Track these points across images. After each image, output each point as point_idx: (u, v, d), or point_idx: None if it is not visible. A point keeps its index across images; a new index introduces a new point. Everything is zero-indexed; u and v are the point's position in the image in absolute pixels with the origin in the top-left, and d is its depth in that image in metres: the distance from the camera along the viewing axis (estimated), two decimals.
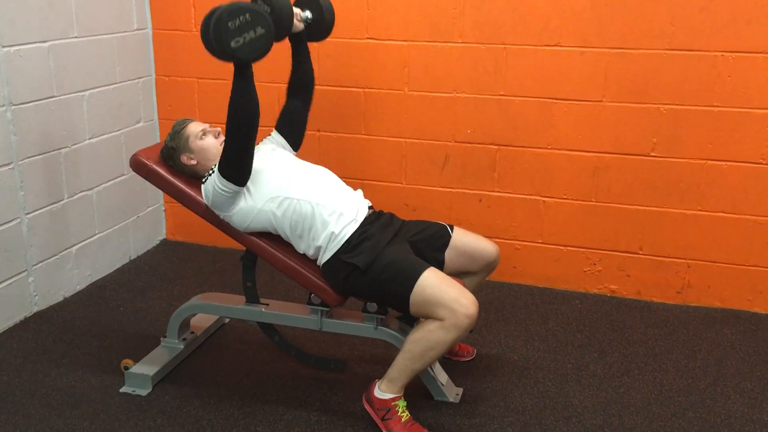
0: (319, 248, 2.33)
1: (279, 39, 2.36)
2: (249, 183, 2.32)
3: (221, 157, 2.27)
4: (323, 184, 2.40)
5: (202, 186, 2.38)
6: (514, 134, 3.24)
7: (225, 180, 2.27)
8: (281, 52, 3.41)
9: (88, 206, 3.31)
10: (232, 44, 2.01)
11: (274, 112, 2.72)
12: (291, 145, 2.67)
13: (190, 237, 3.88)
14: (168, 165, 2.50)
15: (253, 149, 2.27)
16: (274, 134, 2.67)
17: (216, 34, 2.01)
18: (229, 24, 1.99)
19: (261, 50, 2.07)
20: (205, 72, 3.58)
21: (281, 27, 2.34)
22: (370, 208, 2.48)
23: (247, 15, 2.01)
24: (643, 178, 3.14)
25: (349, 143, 3.46)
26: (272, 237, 2.42)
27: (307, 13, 2.57)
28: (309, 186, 2.36)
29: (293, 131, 2.68)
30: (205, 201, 2.38)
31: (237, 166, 2.26)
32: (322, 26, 2.61)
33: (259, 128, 2.65)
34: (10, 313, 2.93)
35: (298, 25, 2.53)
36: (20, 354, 2.74)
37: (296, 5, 2.57)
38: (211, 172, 2.35)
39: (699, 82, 2.97)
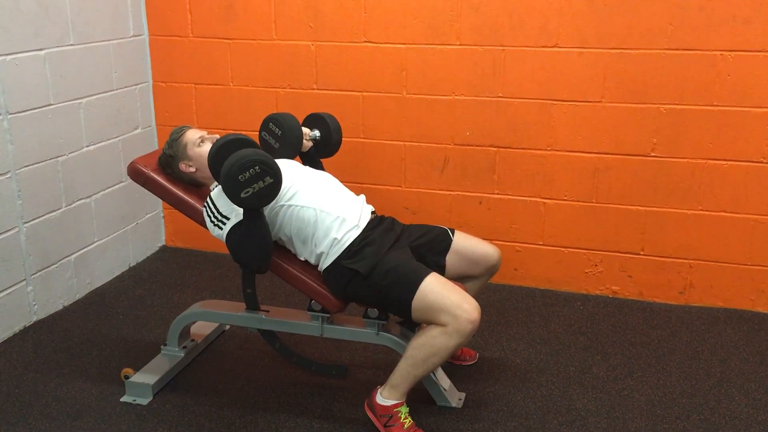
0: (320, 254, 2.31)
1: (290, 158, 2.53)
2: None
3: (231, 243, 2.27)
4: (326, 190, 2.39)
5: (206, 216, 2.36)
6: (514, 136, 3.23)
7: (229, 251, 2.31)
8: (279, 56, 3.41)
9: (86, 214, 3.30)
10: (242, 195, 2.08)
11: None
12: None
13: (190, 243, 3.87)
14: (166, 173, 2.50)
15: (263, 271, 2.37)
16: None
17: (226, 186, 2.08)
18: (239, 177, 2.06)
19: (269, 198, 2.14)
20: (202, 78, 3.57)
21: (292, 148, 2.54)
22: (373, 213, 2.47)
23: (257, 168, 2.07)
24: (644, 178, 3.13)
25: (348, 147, 3.43)
26: (273, 244, 2.40)
27: (316, 132, 2.71)
28: (312, 192, 2.34)
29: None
30: (207, 227, 2.38)
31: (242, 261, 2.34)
32: (329, 144, 2.74)
33: (257, 134, 2.66)
34: (9, 322, 2.91)
35: (307, 144, 2.65)
36: (20, 364, 2.72)
37: (304, 124, 2.71)
38: (220, 219, 2.31)
39: (699, 81, 2.96)
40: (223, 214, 2.29)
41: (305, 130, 2.65)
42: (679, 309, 3.20)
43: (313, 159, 2.72)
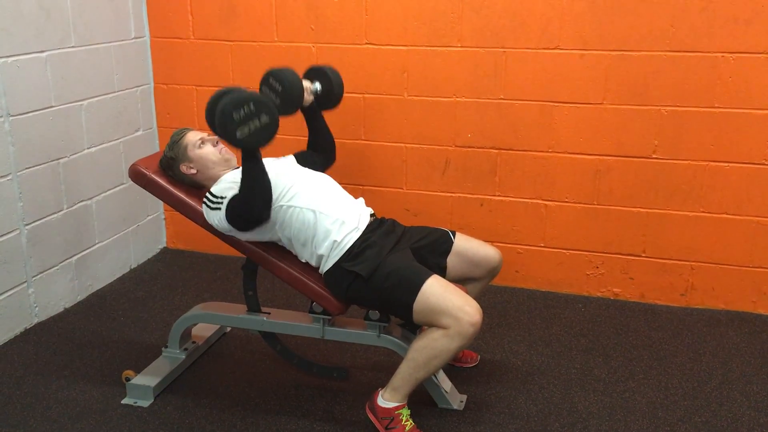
0: (321, 257, 2.31)
1: (291, 113, 2.42)
2: None
3: (231, 209, 2.26)
4: (325, 192, 2.39)
5: (204, 208, 2.35)
6: (515, 138, 3.23)
7: (231, 225, 2.28)
8: (281, 58, 3.41)
9: (87, 216, 3.30)
10: (238, 134, 2.05)
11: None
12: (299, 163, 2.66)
13: (191, 245, 3.86)
14: (167, 175, 2.49)
15: (265, 219, 2.30)
16: (289, 157, 2.66)
17: (221, 125, 2.04)
18: (234, 115, 2.02)
19: (267, 138, 2.10)
20: (204, 79, 3.57)
21: (293, 102, 2.42)
22: (372, 215, 2.47)
23: (251, 105, 2.04)
24: (645, 180, 3.13)
25: (349, 149, 3.44)
26: (273, 246, 2.41)
27: (317, 85, 2.63)
28: (311, 194, 2.34)
29: (309, 167, 2.66)
30: (206, 220, 2.37)
31: (246, 225, 2.30)
32: (331, 97, 2.67)
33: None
34: (10, 324, 2.91)
35: (308, 98, 2.58)
36: (21, 366, 2.72)
37: (305, 77, 2.63)
38: (218, 203, 2.31)
39: (700, 83, 2.96)
40: (219, 195, 2.30)
41: (306, 83, 2.57)
42: (681, 311, 3.20)
43: (314, 113, 2.67)
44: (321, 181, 2.45)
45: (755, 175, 3.00)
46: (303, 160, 2.67)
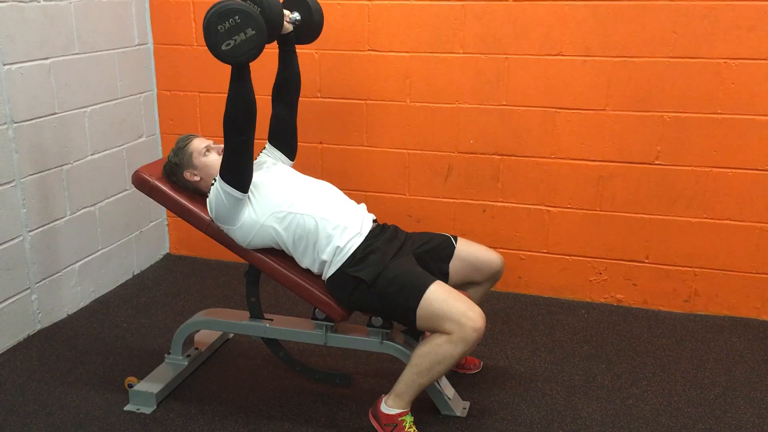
0: (324, 263, 2.31)
1: (269, 41, 2.30)
2: (252, 196, 2.31)
3: (222, 163, 2.26)
4: (326, 199, 2.39)
5: (207, 201, 2.36)
6: (518, 144, 3.23)
7: (227, 185, 2.24)
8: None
9: (90, 222, 3.30)
10: (223, 47, 2.02)
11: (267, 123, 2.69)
12: (287, 156, 2.65)
13: (194, 251, 3.87)
14: (171, 181, 2.50)
15: (252, 151, 2.26)
16: (269, 147, 2.65)
17: (207, 38, 2.01)
18: (219, 27, 1.99)
19: (253, 51, 2.05)
20: (207, 86, 3.58)
21: (271, 27, 2.29)
22: (374, 221, 2.47)
23: (237, 17, 2.00)
24: (648, 186, 3.13)
25: (352, 155, 3.45)
26: (276, 252, 2.40)
27: (296, 14, 2.55)
28: (312, 200, 2.34)
29: (285, 139, 2.65)
30: (209, 214, 2.37)
31: (238, 170, 2.24)
32: (310, 27, 2.59)
33: (262, 140, 2.66)
34: (13, 331, 2.91)
35: (287, 27, 2.50)
36: (24, 373, 2.72)
37: (284, 6, 2.52)
38: (213, 182, 2.33)
39: (702, 89, 2.96)
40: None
41: (285, 12, 2.45)
42: (684, 317, 3.19)
43: (290, 44, 2.58)
44: (321, 188, 2.45)
45: (758, 181, 3.00)
46: (277, 130, 2.63)
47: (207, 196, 2.42)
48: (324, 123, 3.42)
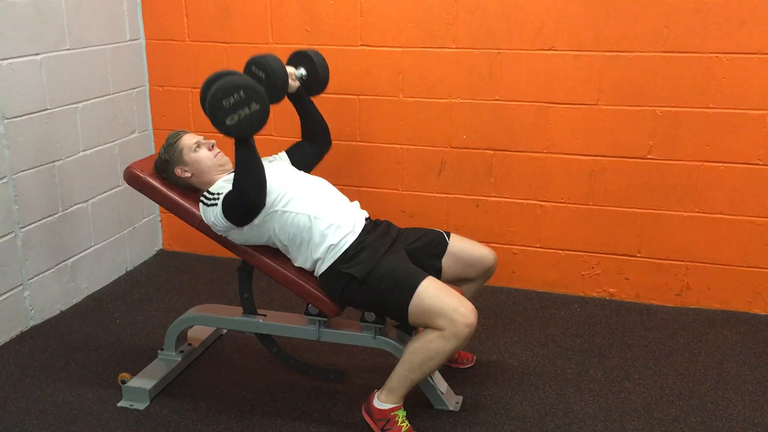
0: (317, 260, 2.31)
1: (277, 101, 2.37)
2: None
3: (227, 201, 2.25)
4: (320, 197, 2.39)
5: (201, 206, 2.35)
6: (510, 139, 3.23)
7: (228, 220, 2.27)
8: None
9: (83, 218, 3.29)
10: (227, 122, 2.02)
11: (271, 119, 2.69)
12: (295, 166, 2.65)
13: (187, 247, 3.86)
14: (162, 177, 2.49)
15: (261, 205, 2.26)
16: (281, 154, 2.66)
17: (211, 112, 2.02)
18: (224, 102, 2.00)
19: (257, 125, 2.07)
20: (199, 81, 3.49)
21: (277, 90, 2.35)
22: (367, 219, 2.47)
23: (241, 92, 2.01)
24: (640, 180, 3.14)
25: (345, 150, 3.45)
26: (269, 248, 2.40)
27: (301, 71, 2.59)
28: (306, 199, 2.34)
29: (302, 163, 2.66)
30: (204, 220, 2.37)
31: (242, 217, 2.27)
32: (316, 82, 2.63)
33: (256, 136, 2.66)
34: (6, 327, 2.91)
35: (294, 84, 2.54)
36: (17, 369, 2.72)
37: (289, 63, 2.59)
38: (214, 200, 2.31)
39: (694, 83, 2.97)
40: (215, 192, 2.31)
41: (290, 69, 2.51)
42: (676, 311, 3.21)
43: (302, 98, 2.64)
44: (316, 186, 2.45)
45: (750, 175, 3.01)
46: (298, 155, 2.66)
47: (197, 192, 2.42)
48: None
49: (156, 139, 3.73)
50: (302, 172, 2.55)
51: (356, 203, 2.49)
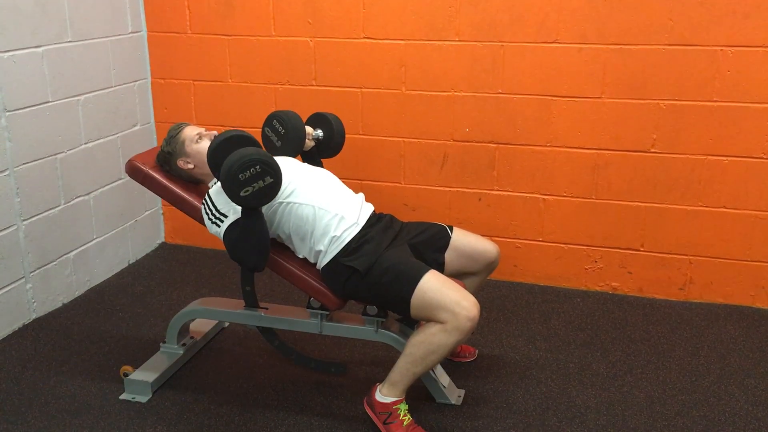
0: (319, 252, 2.31)
1: (292, 155, 2.52)
2: None
3: (228, 239, 2.25)
4: (325, 188, 2.38)
5: (203, 212, 2.35)
6: (513, 132, 3.22)
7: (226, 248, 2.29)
8: (278, 53, 3.40)
9: (85, 211, 3.29)
10: (241, 194, 2.07)
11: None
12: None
13: (189, 240, 3.86)
14: (164, 170, 2.49)
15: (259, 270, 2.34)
16: None
17: (227, 185, 2.06)
18: (240, 176, 2.05)
19: (268, 197, 2.13)
20: (201, 74, 3.56)
21: (293, 147, 2.52)
22: (372, 212, 2.46)
23: (258, 167, 2.06)
24: (644, 174, 3.12)
25: (347, 143, 3.39)
26: (271, 241, 2.39)
27: (319, 132, 2.71)
28: (310, 190, 2.33)
29: (306, 161, 2.70)
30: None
31: (237, 259, 2.31)
32: (331, 146, 2.74)
33: (257, 131, 2.65)
34: (8, 320, 2.91)
35: (309, 143, 2.65)
36: (19, 362, 2.72)
37: (308, 123, 2.70)
38: (217, 217, 2.29)
39: (698, 77, 2.95)
40: (221, 211, 2.29)
41: (308, 129, 2.64)
42: (679, 305, 3.20)
43: (314, 158, 2.72)
44: (320, 177, 2.44)
45: (754, 168, 3.00)
46: (303, 155, 2.69)
47: (200, 184, 2.42)
48: (319, 111, 3.40)
49: (158, 132, 3.73)
50: (307, 163, 2.54)
51: (361, 195, 2.49)
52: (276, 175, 2.10)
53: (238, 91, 3.52)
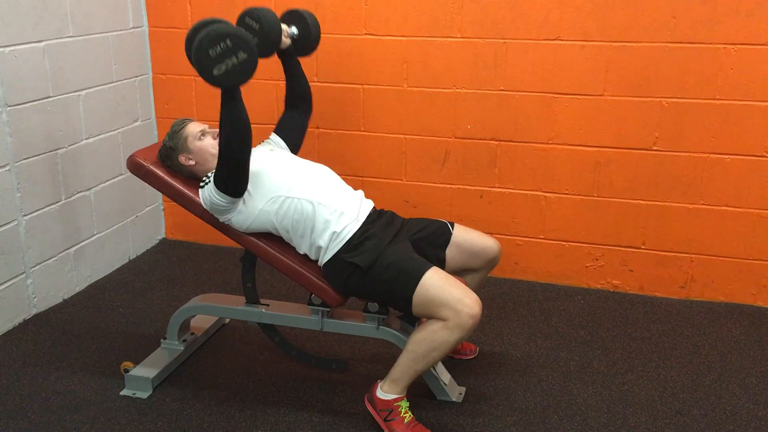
0: (320, 248, 2.30)
1: (267, 55, 2.37)
2: (250, 185, 2.30)
3: (216, 171, 2.24)
4: (324, 183, 2.38)
5: (200, 191, 2.36)
6: (515, 129, 3.21)
7: (221, 193, 2.25)
8: None
9: (86, 207, 3.29)
10: (214, 72, 1.97)
11: (273, 110, 2.70)
12: (290, 148, 2.66)
13: (190, 236, 3.86)
14: (166, 165, 2.48)
15: (248, 165, 2.23)
16: (273, 136, 2.66)
17: (197, 62, 1.97)
18: (210, 51, 1.94)
19: (244, 75, 2.01)
20: None
21: (270, 43, 2.35)
22: (372, 208, 2.45)
23: (228, 41, 1.95)
24: (646, 172, 3.12)
25: (349, 140, 3.43)
26: (272, 237, 2.40)
27: (294, 29, 2.58)
28: (310, 185, 2.33)
29: (292, 136, 2.68)
30: (203, 205, 2.36)
31: (232, 182, 2.24)
32: (308, 42, 2.62)
33: (259, 126, 2.65)
34: (8, 315, 2.91)
35: (285, 41, 2.53)
36: (19, 357, 2.72)
37: (282, 21, 2.56)
38: (207, 179, 2.32)
39: (701, 74, 2.95)
40: (210, 174, 2.31)
41: (283, 26, 2.49)
42: (680, 303, 3.20)
43: (291, 57, 2.63)
44: (319, 173, 2.44)
45: (756, 167, 2.99)
46: (286, 129, 2.67)
47: (202, 182, 2.41)
48: (321, 108, 3.39)
49: (159, 128, 3.72)
50: (306, 159, 2.53)
51: (361, 192, 2.48)
52: (249, 49, 1.99)
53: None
